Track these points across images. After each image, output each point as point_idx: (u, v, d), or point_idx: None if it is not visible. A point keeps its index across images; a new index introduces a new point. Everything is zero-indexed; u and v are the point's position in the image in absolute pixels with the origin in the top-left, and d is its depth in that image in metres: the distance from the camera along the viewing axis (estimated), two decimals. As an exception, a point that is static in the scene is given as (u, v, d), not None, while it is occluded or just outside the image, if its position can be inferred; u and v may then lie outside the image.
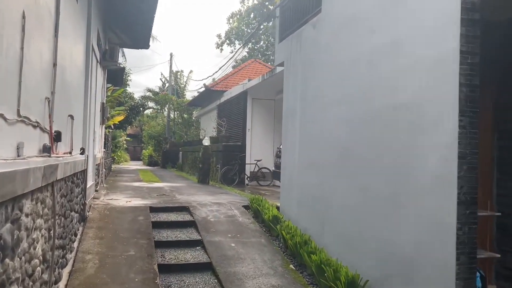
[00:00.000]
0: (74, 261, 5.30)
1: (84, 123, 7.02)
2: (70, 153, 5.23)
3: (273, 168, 11.52)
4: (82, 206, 6.78)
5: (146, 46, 12.93)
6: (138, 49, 13.41)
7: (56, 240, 4.36)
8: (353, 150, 5.31)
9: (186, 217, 7.59)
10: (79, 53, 6.24)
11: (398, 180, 4.40)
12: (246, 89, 14.06)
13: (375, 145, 4.85)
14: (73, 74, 5.57)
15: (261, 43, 31.32)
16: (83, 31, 6.74)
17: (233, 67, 28.70)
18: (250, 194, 10.38)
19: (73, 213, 5.74)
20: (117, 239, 6.14)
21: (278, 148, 11.27)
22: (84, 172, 6.87)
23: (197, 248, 6.34)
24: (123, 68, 16.23)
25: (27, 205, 2.98)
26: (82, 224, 6.72)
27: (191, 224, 7.24)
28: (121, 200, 8.66)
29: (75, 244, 5.88)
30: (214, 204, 8.46)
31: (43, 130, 3.64)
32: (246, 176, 14.03)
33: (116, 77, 15.88)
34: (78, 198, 6.37)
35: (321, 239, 6.00)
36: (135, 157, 40.50)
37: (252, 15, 31.42)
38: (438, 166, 3.85)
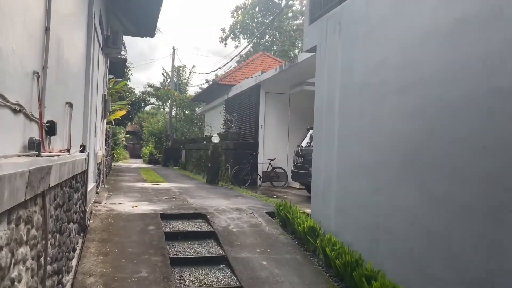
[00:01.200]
0: (72, 287, 4.19)
1: (85, 115, 5.92)
2: (68, 150, 4.12)
3: (292, 168, 10.43)
4: (81, 214, 5.68)
5: (152, 33, 11.83)
6: (142, 37, 12.27)
7: (48, 267, 3.26)
8: (425, 150, 4.21)
9: (203, 226, 6.49)
10: (79, 28, 5.13)
11: (505, 190, 3.31)
12: (259, 82, 12.95)
13: (462, 145, 3.76)
14: (71, 51, 4.46)
15: (266, 38, 30.16)
16: (85, 4, 5.63)
17: (238, 62, 27.61)
18: (271, 198, 9.29)
19: (71, 224, 4.64)
20: (125, 256, 5.04)
21: (298, 146, 10.18)
22: (84, 173, 5.77)
23: (221, 266, 5.24)
24: (125, 60, 15.04)
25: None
26: (82, 235, 5.61)
27: (211, 235, 6.15)
28: (126, 205, 7.55)
29: (74, 262, 4.77)
30: (233, 210, 7.36)
31: (29, 117, 2.54)
32: (258, 177, 12.93)
33: (118, 69, 14.78)
34: (77, 205, 5.27)
35: (374, 258, 4.90)
36: (134, 155, 39.42)
37: (257, 9, 30.32)
38: None
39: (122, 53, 11.75)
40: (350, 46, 5.86)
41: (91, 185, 7.06)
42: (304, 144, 10.01)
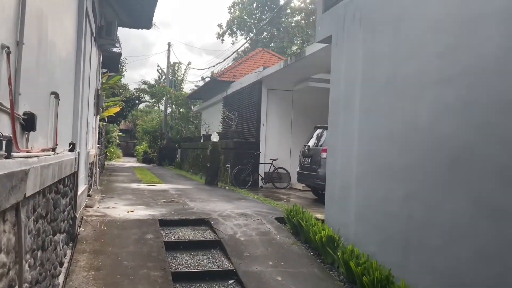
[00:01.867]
0: (57, 312, 3.54)
1: (76, 109, 5.25)
2: (54, 150, 3.46)
3: (298, 169, 9.79)
4: (71, 222, 5.02)
5: (148, 25, 11.12)
6: (138, 29, 11.55)
7: (26, 295, 2.60)
8: (475, 152, 3.60)
9: (207, 234, 5.84)
10: (68, 8, 4.45)
11: None
12: (260, 78, 12.30)
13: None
14: (59, 33, 3.79)
15: (264, 34, 29.48)
16: (75, -17, 4.96)
17: (234, 59, 26.93)
18: (276, 201, 8.66)
19: (58, 235, 3.97)
20: (120, 270, 4.39)
21: (305, 145, 9.55)
22: (74, 175, 5.10)
23: (230, 282, 4.60)
24: (119, 54, 14.31)
25: None
26: (71, 245, 4.95)
27: (216, 245, 5.50)
28: (121, 209, 6.88)
29: (61, 279, 4.11)
30: (238, 215, 6.71)
31: (-6, 105, 1.88)
32: (260, 177, 12.28)
33: (111, 63, 14.05)
34: (66, 212, 4.60)
35: (404, 273, 4.28)
36: (127, 153, 38.60)
37: (254, 5, 29.63)
38: None
39: (116, 46, 11.06)
40: (374, 33, 5.24)
41: (82, 187, 6.39)
42: (311, 143, 9.38)
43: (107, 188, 10.05)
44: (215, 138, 12.52)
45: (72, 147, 4.76)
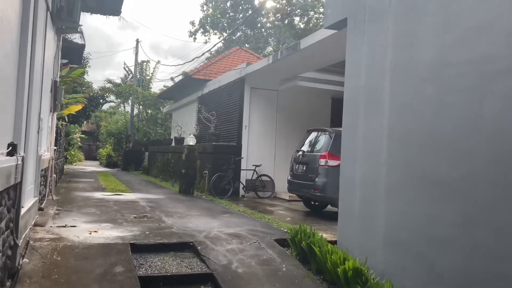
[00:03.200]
0: None
1: (20, 98, 3.87)
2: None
3: (289, 178, 8.62)
4: (9, 252, 3.63)
5: (116, 11, 9.73)
6: (105, 14, 10.09)
7: None
8: None
9: (194, 264, 4.55)
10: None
11: None
12: (243, 76, 11.09)
13: None
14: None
15: (238, 34, 28.28)
16: None
17: (207, 58, 25.61)
18: (267, 215, 7.44)
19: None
20: (78, 328, 3.05)
21: (298, 150, 8.40)
22: (16, 188, 3.72)
23: (234, 338, 3.35)
24: (83, 45, 12.77)
25: None
26: (8, 285, 3.55)
27: (207, 280, 4.22)
28: (81, 229, 5.48)
29: None
30: (230, 237, 5.45)
31: None
32: (241, 186, 11.04)
33: (74, 56, 12.48)
34: (1, 240, 3.22)
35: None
36: (90, 157, 36.37)
37: (228, 3, 28.41)
38: None
39: (79, 32, 9.57)
40: (411, 12, 4.16)
41: (29, 202, 4.96)
42: (305, 148, 8.25)
43: (65, 198, 8.52)
44: (191, 141, 11.17)
45: (12, 149, 3.39)
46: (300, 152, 8.24)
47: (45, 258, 4.17)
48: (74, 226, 5.61)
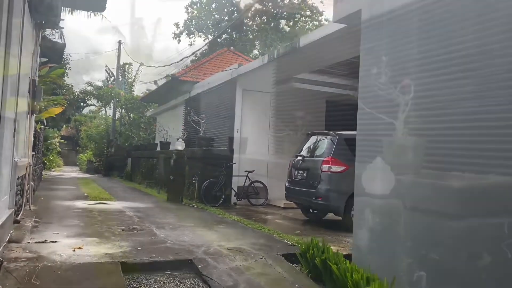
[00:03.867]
0: None
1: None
2: None
3: (288, 184, 8.10)
4: (-23, 280, 3.00)
5: (100, 6, 9.09)
6: (88, 10, 9.54)
7: None
8: None
9: (195, 285, 3.98)
10: None
11: None
12: (235, 77, 10.55)
13: None
14: None
15: (224, 36, 27.73)
16: None
17: (192, 61, 24.97)
18: (268, 226, 6.91)
19: None
20: None
21: (297, 155, 7.89)
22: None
23: None
24: (64, 45, 12.07)
25: None
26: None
27: (212, 305, 3.67)
28: (63, 245, 4.84)
29: None
30: (232, 253, 4.89)
31: None
32: (233, 193, 10.47)
33: (53, 54, 11.74)
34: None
35: None
36: (69, 162, 35.18)
37: (214, 5, 27.89)
38: None
39: (61, 27, 8.90)
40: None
41: (3, 216, 4.32)
42: (305, 153, 7.76)
43: (44, 208, 7.81)
44: (180, 145, 10.57)
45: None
46: (300, 157, 7.74)
47: (21, 283, 3.54)
48: (55, 242, 4.97)
